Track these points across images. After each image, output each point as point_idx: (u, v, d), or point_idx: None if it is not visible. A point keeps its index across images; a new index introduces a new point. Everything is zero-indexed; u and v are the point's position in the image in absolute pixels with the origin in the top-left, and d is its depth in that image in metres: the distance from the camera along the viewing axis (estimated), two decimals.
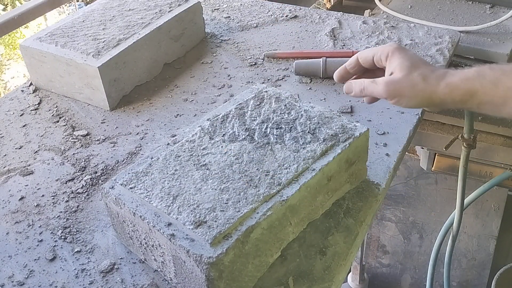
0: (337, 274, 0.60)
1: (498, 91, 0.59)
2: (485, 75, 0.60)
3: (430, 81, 0.63)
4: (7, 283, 0.61)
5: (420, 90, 0.63)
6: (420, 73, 0.64)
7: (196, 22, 1.08)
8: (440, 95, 0.63)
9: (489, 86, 0.60)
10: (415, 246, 1.74)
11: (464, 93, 0.61)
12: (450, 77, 0.62)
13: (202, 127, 0.70)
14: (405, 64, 0.65)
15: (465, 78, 0.61)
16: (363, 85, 0.68)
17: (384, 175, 0.74)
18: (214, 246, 0.53)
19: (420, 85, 0.63)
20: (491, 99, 0.60)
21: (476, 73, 0.61)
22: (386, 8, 1.38)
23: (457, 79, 0.61)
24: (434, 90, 0.63)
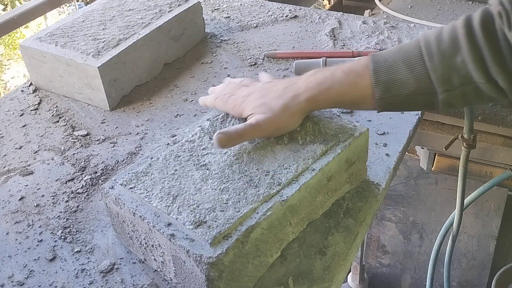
0: (337, 274, 0.60)
1: (356, 91, 0.64)
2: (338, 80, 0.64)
3: (291, 106, 0.65)
4: (7, 283, 0.61)
5: (283, 117, 0.65)
6: (275, 104, 0.65)
7: (196, 22, 1.08)
8: (309, 109, 0.66)
9: (345, 90, 0.64)
10: (415, 246, 1.74)
11: (325, 102, 0.66)
12: (306, 93, 0.65)
13: (202, 127, 0.70)
14: (259, 104, 0.66)
15: (321, 89, 0.64)
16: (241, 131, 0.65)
17: (384, 175, 0.74)
18: (214, 246, 0.53)
19: (285, 113, 0.65)
20: (345, 101, 0.66)
21: (330, 79, 0.64)
22: (386, 8, 1.38)
23: (315, 92, 0.65)
24: (301, 108, 0.65)
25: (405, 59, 0.61)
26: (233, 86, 0.73)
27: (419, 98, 0.62)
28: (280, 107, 0.65)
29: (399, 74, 0.61)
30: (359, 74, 0.63)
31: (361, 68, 0.63)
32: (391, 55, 0.63)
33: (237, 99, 0.69)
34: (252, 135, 0.65)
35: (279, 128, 0.65)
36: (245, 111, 0.67)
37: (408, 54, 0.62)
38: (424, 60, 0.60)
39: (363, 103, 0.65)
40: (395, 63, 0.62)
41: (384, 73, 0.62)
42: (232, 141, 0.63)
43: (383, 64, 0.62)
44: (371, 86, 0.62)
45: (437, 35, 0.61)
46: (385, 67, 0.62)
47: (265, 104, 0.66)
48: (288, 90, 0.66)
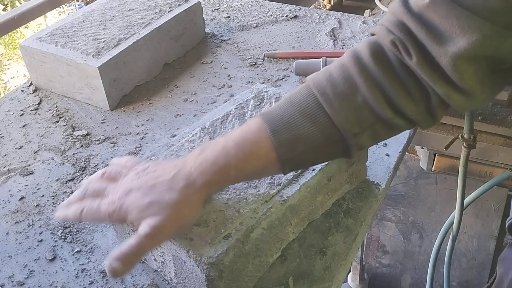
0: (337, 274, 0.60)
1: (257, 161, 0.55)
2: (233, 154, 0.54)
3: (188, 197, 0.53)
4: (7, 283, 0.61)
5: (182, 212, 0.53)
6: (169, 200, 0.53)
7: (196, 22, 1.08)
8: (208, 193, 0.56)
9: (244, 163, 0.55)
10: (415, 246, 1.74)
11: (225, 182, 0.56)
12: (200, 178, 0.54)
13: (202, 127, 0.70)
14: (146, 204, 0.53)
15: (216, 169, 0.54)
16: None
17: (384, 175, 0.74)
18: (214, 246, 0.53)
19: (184, 207, 0.53)
20: (247, 174, 0.57)
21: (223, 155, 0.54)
22: (386, 8, 1.38)
23: (210, 175, 0.54)
24: (200, 196, 0.55)
25: (302, 111, 0.55)
26: (94, 187, 0.58)
27: (328, 149, 0.57)
28: (175, 201, 0.52)
29: (301, 128, 0.55)
30: (255, 141, 0.55)
31: (255, 133, 0.55)
32: (285, 110, 0.56)
33: (112, 204, 0.54)
34: (152, 245, 0.53)
35: (181, 225, 0.54)
36: (130, 216, 0.53)
37: (304, 105, 0.55)
38: (323, 107, 0.55)
39: (268, 169, 0.57)
40: (293, 118, 0.55)
41: (285, 131, 0.54)
42: (130, 265, 0.51)
43: (280, 122, 0.55)
44: (273, 150, 0.54)
45: (328, 78, 0.56)
46: (284, 125, 0.55)
47: (154, 203, 0.52)
48: (177, 179, 0.54)
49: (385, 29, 0.54)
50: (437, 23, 0.50)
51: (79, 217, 0.56)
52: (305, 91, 0.56)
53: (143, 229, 0.52)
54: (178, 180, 0.54)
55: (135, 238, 0.51)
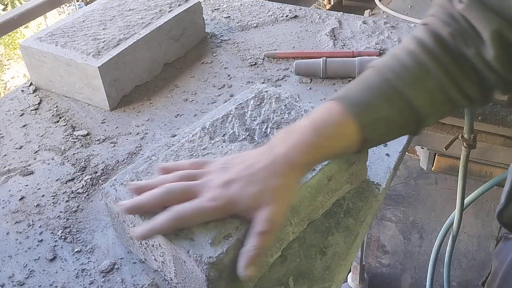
0: (337, 274, 0.60)
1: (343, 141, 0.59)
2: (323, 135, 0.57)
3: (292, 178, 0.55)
4: (7, 283, 0.61)
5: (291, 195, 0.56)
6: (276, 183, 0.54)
7: (196, 22, 1.08)
8: (305, 172, 0.58)
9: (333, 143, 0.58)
10: (415, 246, 1.74)
11: (316, 161, 0.59)
12: (299, 158, 0.55)
13: (202, 127, 0.70)
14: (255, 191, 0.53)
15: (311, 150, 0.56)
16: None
17: (384, 175, 0.74)
18: (215, 246, 0.53)
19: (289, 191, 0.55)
20: (332, 155, 0.61)
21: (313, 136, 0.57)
22: (386, 8, 1.38)
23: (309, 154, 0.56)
24: (302, 173, 0.57)
25: (380, 95, 0.59)
26: (178, 187, 0.56)
27: (403, 129, 0.63)
28: (284, 186, 0.54)
29: (381, 111, 0.59)
30: (342, 124, 0.58)
31: (341, 116, 0.58)
32: (364, 95, 0.60)
33: (215, 199, 0.53)
34: (271, 239, 0.53)
35: (287, 209, 0.56)
36: (239, 207, 0.53)
37: (380, 90, 0.60)
38: (400, 91, 0.59)
39: (349, 150, 0.60)
40: (372, 101, 0.59)
41: (367, 114, 0.59)
42: (259, 265, 0.55)
43: (361, 106, 0.59)
44: (358, 132, 0.58)
45: (400, 64, 0.60)
46: (365, 108, 0.59)
47: (264, 191, 0.53)
48: (277, 163, 0.55)
49: (441, 21, 0.60)
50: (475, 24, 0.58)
51: (174, 223, 0.53)
52: (376, 77, 0.61)
53: (261, 225, 0.52)
54: (278, 164, 0.54)
55: (257, 237, 0.52)
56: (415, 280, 1.81)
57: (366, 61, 0.94)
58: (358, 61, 0.94)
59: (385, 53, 0.98)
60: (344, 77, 0.95)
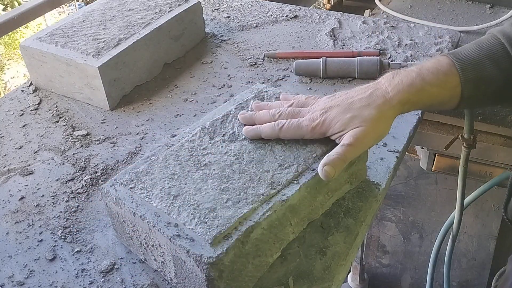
0: (337, 274, 0.60)
1: (446, 92, 0.63)
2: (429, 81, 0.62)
3: (386, 111, 0.62)
4: (7, 283, 0.61)
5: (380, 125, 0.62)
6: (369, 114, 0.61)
7: (196, 22, 1.08)
8: (401, 111, 0.64)
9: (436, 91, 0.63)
10: (415, 246, 1.74)
11: (417, 104, 0.64)
12: (397, 96, 0.62)
13: (202, 127, 0.70)
14: (347, 118, 0.61)
15: (413, 91, 0.62)
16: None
17: (384, 175, 0.74)
18: (214, 246, 0.53)
19: (382, 121, 0.62)
20: (433, 103, 0.65)
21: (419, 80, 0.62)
22: (386, 8, 1.38)
23: (407, 94, 0.62)
24: (395, 112, 0.63)
25: (489, 55, 0.62)
26: (288, 111, 0.66)
27: (506, 92, 0.64)
28: (375, 116, 0.60)
29: (486, 70, 0.62)
30: (447, 74, 0.62)
31: (447, 67, 0.62)
32: (474, 53, 0.63)
33: (313, 120, 0.62)
34: (355, 154, 0.61)
35: (379, 138, 0.62)
36: (331, 129, 0.62)
37: (492, 51, 0.63)
38: (510, 55, 0.62)
39: (450, 102, 0.64)
40: (480, 60, 0.62)
41: (472, 70, 0.62)
42: (338, 169, 0.59)
43: (468, 62, 0.62)
44: (460, 85, 0.62)
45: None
46: (472, 65, 0.62)
47: (356, 117, 0.60)
48: (375, 96, 0.62)
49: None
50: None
51: (278, 132, 0.63)
52: (493, 40, 0.64)
53: (347, 139, 0.59)
54: (375, 97, 0.61)
55: (341, 147, 0.59)
56: (415, 280, 1.81)
57: (366, 61, 0.94)
58: (358, 61, 0.94)
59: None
60: (344, 77, 0.95)
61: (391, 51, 1.02)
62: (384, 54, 1.01)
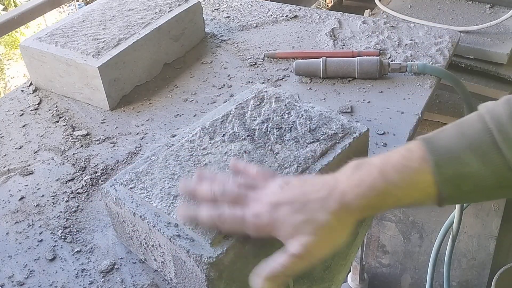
0: (337, 274, 0.60)
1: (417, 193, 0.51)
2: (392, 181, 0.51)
3: (344, 219, 0.52)
4: (7, 283, 0.61)
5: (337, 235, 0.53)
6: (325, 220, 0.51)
7: (196, 22, 1.08)
8: (362, 217, 0.54)
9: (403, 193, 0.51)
10: (415, 246, 1.74)
11: (380, 209, 0.54)
12: (357, 201, 0.51)
13: (202, 127, 0.70)
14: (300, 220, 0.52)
15: (374, 195, 0.51)
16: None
17: None
18: (214, 246, 0.53)
19: (339, 229, 0.52)
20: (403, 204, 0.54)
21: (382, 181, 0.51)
22: (386, 8, 1.38)
23: (368, 200, 0.51)
24: (355, 219, 0.53)
25: (473, 148, 0.49)
26: (233, 194, 0.56)
27: (500, 192, 0.51)
28: (330, 224, 0.51)
29: (469, 167, 0.49)
30: (417, 171, 0.50)
31: (418, 162, 0.51)
32: (453, 143, 0.51)
33: (259, 216, 0.53)
34: (301, 266, 0.52)
35: (333, 248, 0.53)
36: (279, 231, 0.52)
37: (476, 141, 0.50)
38: (499, 147, 0.49)
39: (425, 202, 0.52)
40: (462, 153, 0.50)
41: (450, 167, 0.50)
42: (278, 283, 0.51)
43: (445, 156, 0.50)
44: (435, 185, 0.50)
45: (509, 114, 0.49)
46: (450, 160, 0.50)
47: (308, 222, 0.51)
48: (331, 199, 0.52)
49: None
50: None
51: (218, 225, 0.54)
52: (479, 124, 0.50)
53: (295, 248, 0.51)
54: (331, 201, 0.52)
55: (286, 257, 0.51)
56: (415, 280, 1.81)
57: (366, 61, 0.94)
58: (358, 61, 0.94)
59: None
60: (344, 77, 0.95)
61: (391, 51, 1.02)
62: (384, 54, 1.01)
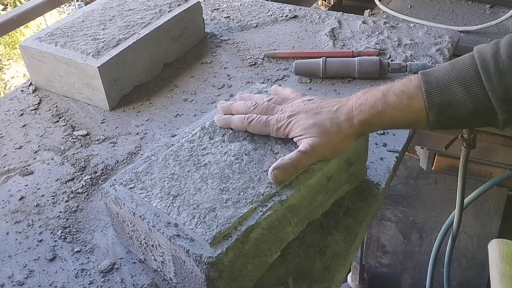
0: (337, 274, 0.60)
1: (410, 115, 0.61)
2: (391, 103, 0.61)
3: (345, 129, 0.63)
4: (7, 283, 0.61)
5: (338, 140, 0.63)
6: (329, 127, 0.62)
7: (196, 22, 1.08)
8: (362, 131, 0.64)
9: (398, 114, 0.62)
10: (415, 246, 1.74)
11: (378, 126, 0.64)
12: (359, 116, 0.62)
13: (202, 127, 0.70)
14: (309, 124, 0.63)
15: (374, 112, 0.62)
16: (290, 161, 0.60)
17: (384, 175, 0.74)
18: (214, 246, 0.53)
19: (340, 136, 0.63)
20: (398, 124, 0.65)
21: (382, 102, 0.62)
22: (386, 8, 1.38)
23: (368, 115, 0.62)
24: (355, 131, 0.63)
25: (460, 79, 0.59)
26: (263, 106, 0.68)
27: (477, 119, 0.61)
28: (334, 131, 0.62)
29: (454, 95, 0.59)
30: (411, 97, 0.61)
31: (413, 89, 0.61)
32: (444, 74, 0.60)
33: (280, 120, 0.65)
34: (308, 162, 0.61)
35: (334, 151, 0.63)
36: (293, 132, 0.64)
37: (463, 74, 0.59)
38: (481, 80, 0.58)
39: (417, 124, 0.64)
40: (449, 83, 0.59)
41: (438, 94, 0.59)
42: (289, 174, 0.60)
43: (436, 85, 0.60)
44: (425, 109, 0.60)
45: (493, 53, 0.58)
46: (439, 88, 0.59)
47: (316, 126, 0.62)
48: (340, 111, 0.63)
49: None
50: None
51: (246, 126, 0.66)
52: (468, 60, 0.60)
53: (304, 146, 0.61)
54: (340, 113, 0.63)
55: (296, 153, 0.61)
56: (415, 280, 1.81)
57: (365, 61, 0.94)
58: (358, 61, 0.94)
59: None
60: (344, 77, 0.95)
61: (391, 51, 1.02)
62: (384, 54, 1.01)
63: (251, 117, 0.66)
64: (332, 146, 0.62)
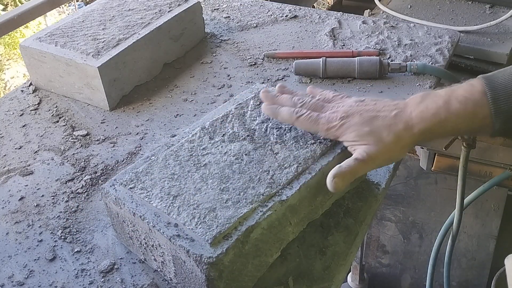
0: (337, 274, 0.60)
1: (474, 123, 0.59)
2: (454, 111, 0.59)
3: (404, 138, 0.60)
4: (7, 283, 0.61)
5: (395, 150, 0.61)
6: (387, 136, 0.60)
7: (196, 22, 1.08)
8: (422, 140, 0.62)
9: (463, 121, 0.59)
10: (415, 246, 1.74)
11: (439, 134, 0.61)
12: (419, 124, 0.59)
13: (202, 127, 0.70)
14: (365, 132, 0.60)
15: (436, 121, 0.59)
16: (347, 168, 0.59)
17: (384, 175, 0.74)
18: (214, 246, 0.53)
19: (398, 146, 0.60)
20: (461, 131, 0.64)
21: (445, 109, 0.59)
22: (386, 8, 1.38)
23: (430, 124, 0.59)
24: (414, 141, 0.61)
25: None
26: (311, 103, 0.66)
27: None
28: (392, 140, 0.59)
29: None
30: (477, 104, 0.58)
31: (478, 95, 0.58)
32: (509, 80, 0.57)
33: (332, 121, 0.62)
34: (364, 170, 0.61)
35: (390, 161, 0.62)
36: (345, 136, 0.61)
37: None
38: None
39: (479, 132, 0.64)
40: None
41: (505, 102, 0.57)
42: (346, 183, 0.59)
43: (503, 92, 0.57)
44: (490, 116, 0.57)
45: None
46: (506, 95, 0.57)
47: (373, 134, 0.60)
48: (398, 119, 0.60)
49: None
50: None
51: (294, 120, 0.64)
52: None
53: (361, 154, 0.59)
54: (398, 121, 0.60)
55: (353, 161, 0.59)
56: (415, 280, 1.81)
57: (365, 61, 0.94)
58: (357, 61, 0.94)
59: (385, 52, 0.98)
60: (344, 77, 0.95)
61: (391, 51, 1.02)
62: (384, 54, 1.01)
63: (301, 111, 0.64)
64: (389, 155, 0.60)
